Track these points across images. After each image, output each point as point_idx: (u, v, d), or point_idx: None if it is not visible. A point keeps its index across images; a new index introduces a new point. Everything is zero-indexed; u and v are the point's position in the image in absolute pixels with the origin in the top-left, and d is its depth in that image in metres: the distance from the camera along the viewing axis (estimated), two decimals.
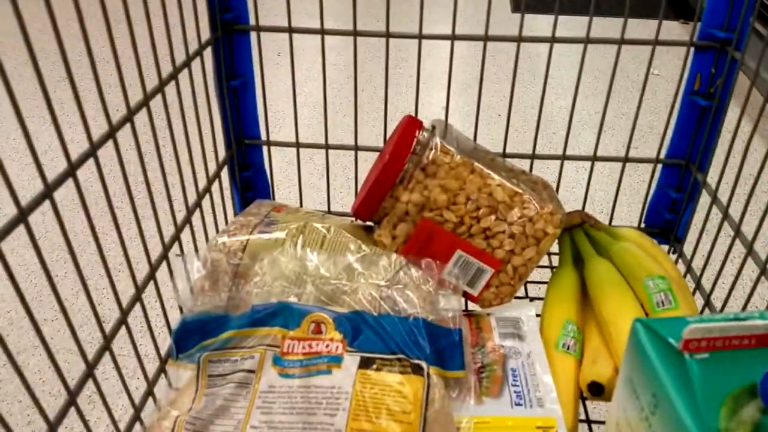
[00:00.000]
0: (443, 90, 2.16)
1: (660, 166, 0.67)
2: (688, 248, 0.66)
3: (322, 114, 0.62)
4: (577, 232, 0.60)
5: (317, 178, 1.71)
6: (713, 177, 0.60)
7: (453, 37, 0.60)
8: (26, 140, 0.32)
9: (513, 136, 1.92)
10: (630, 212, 1.56)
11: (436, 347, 0.44)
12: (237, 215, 0.57)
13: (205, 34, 0.59)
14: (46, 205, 0.34)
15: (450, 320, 0.47)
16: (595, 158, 0.65)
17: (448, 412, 0.42)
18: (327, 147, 0.66)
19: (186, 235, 0.54)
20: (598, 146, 0.65)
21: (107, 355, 0.42)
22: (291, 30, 0.60)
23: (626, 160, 0.65)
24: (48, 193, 0.34)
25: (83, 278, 0.38)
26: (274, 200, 0.71)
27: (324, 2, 0.58)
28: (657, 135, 1.94)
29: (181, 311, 0.49)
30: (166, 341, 0.48)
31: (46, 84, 0.32)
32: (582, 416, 0.52)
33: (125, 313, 0.44)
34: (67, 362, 1.21)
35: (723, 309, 0.56)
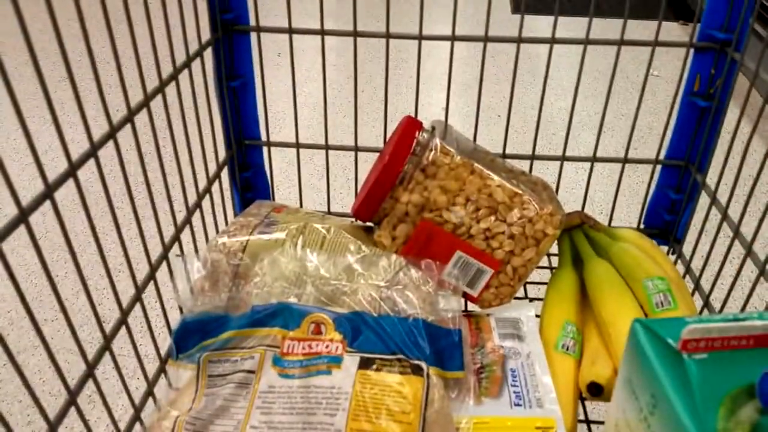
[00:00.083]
0: (443, 90, 2.16)
1: (659, 167, 0.67)
2: (688, 249, 0.66)
3: (322, 114, 0.62)
4: (577, 233, 0.61)
5: (317, 179, 1.71)
6: (713, 178, 0.60)
7: (453, 38, 0.60)
8: (27, 140, 0.32)
9: (513, 137, 1.92)
10: (629, 213, 1.56)
11: (436, 348, 0.44)
12: (237, 216, 0.57)
13: (206, 35, 0.59)
14: (47, 205, 0.34)
15: (450, 321, 0.47)
16: (595, 159, 0.66)
17: (448, 413, 0.42)
18: (327, 148, 0.66)
19: (186, 236, 0.54)
20: (598, 147, 0.65)
21: (107, 355, 0.42)
22: (291, 31, 0.60)
23: (626, 161, 0.65)
24: (49, 194, 0.34)
25: (83, 278, 0.38)
26: (274, 201, 0.71)
27: (324, 3, 0.58)
28: (656, 136, 1.94)
29: (181, 311, 0.49)
30: (166, 341, 0.48)
31: (47, 84, 0.32)
32: (581, 416, 0.52)
33: (125, 314, 0.44)
34: (67, 362, 1.21)
35: (722, 310, 0.56)
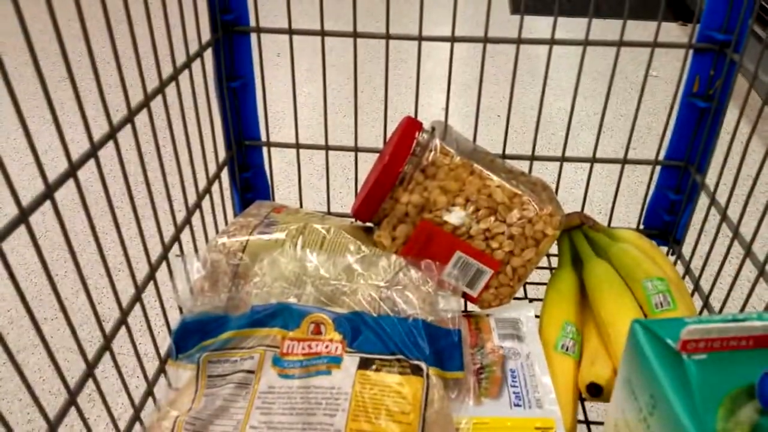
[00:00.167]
0: (443, 91, 2.16)
1: (659, 168, 0.67)
2: (687, 249, 0.66)
3: (322, 115, 0.62)
4: (576, 234, 0.61)
5: (317, 179, 1.71)
6: (712, 178, 0.61)
7: (453, 39, 0.60)
8: (27, 140, 0.32)
9: (512, 138, 1.92)
10: (629, 213, 1.56)
11: (436, 348, 0.44)
12: (237, 216, 0.57)
13: (206, 35, 0.59)
14: (47, 205, 0.34)
15: (449, 321, 0.47)
16: (594, 160, 0.66)
17: (447, 413, 0.42)
18: (327, 148, 0.66)
19: (186, 236, 0.54)
20: (597, 147, 0.65)
21: (107, 355, 0.42)
22: (291, 31, 0.60)
23: (625, 162, 0.65)
24: (49, 194, 0.34)
25: (83, 278, 0.38)
26: (274, 201, 0.71)
27: (324, 3, 0.58)
28: (656, 136, 1.94)
29: (181, 311, 0.49)
30: (166, 341, 0.48)
31: (47, 84, 0.32)
32: (580, 417, 0.52)
33: (125, 313, 0.45)
34: (67, 361, 1.21)
35: (722, 310, 0.57)
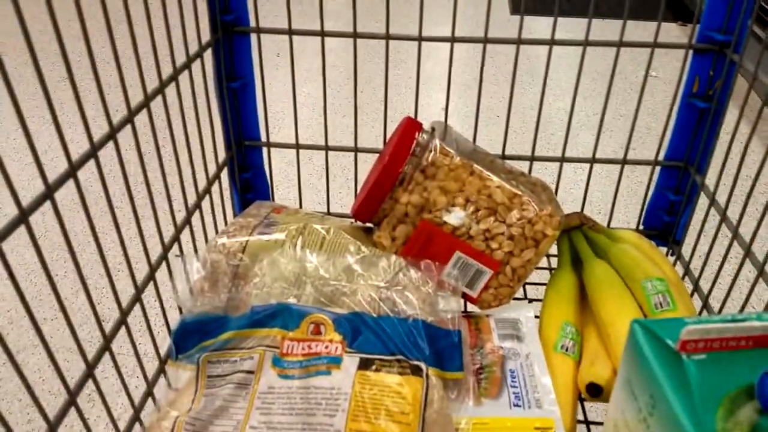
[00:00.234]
0: (442, 91, 2.16)
1: (658, 168, 0.67)
2: (687, 250, 0.66)
3: (322, 115, 0.62)
4: (576, 234, 0.61)
5: (317, 179, 1.71)
6: (711, 179, 0.60)
7: (453, 39, 0.60)
8: (27, 140, 0.32)
9: (512, 138, 1.92)
10: (628, 214, 1.56)
11: (435, 348, 0.44)
12: (236, 216, 0.57)
13: (206, 36, 0.59)
14: (46, 205, 0.34)
15: (449, 322, 0.47)
16: (594, 160, 0.66)
17: (447, 413, 0.42)
18: (327, 148, 0.66)
19: (186, 236, 0.54)
20: (597, 148, 0.65)
21: (107, 355, 0.42)
22: (291, 32, 0.60)
23: (625, 162, 0.65)
24: (49, 194, 0.34)
25: (83, 278, 0.38)
26: (274, 201, 0.71)
27: (324, 4, 0.58)
28: (655, 137, 1.94)
29: (181, 312, 0.49)
30: (166, 341, 0.48)
31: (47, 84, 0.32)
32: (580, 417, 0.52)
33: (125, 314, 0.45)
34: (67, 361, 1.21)
35: (721, 310, 0.57)
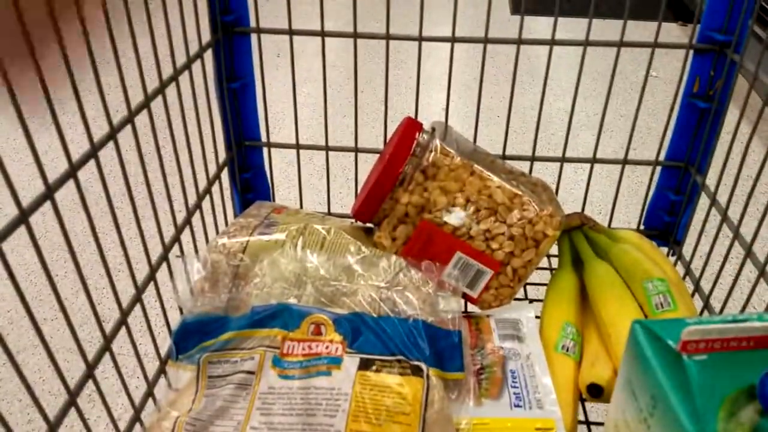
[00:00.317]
0: (443, 91, 2.16)
1: (659, 168, 0.67)
2: (687, 250, 0.66)
3: (322, 115, 0.62)
4: (577, 234, 0.61)
5: (317, 179, 1.71)
6: (712, 179, 0.60)
7: (453, 40, 0.60)
8: (27, 140, 0.32)
9: (512, 138, 1.92)
10: (629, 214, 1.56)
11: (436, 349, 0.44)
12: (237, 216, 0.57)
13: (206, 36, 0.59)
14: (46, 205, 0.34)
15: (449, 322, 0.47)
16: (595, 160, 0.66)
17: (448, 414, 0.42)
18: (327, 149, 0.66)
19: (186, 236, 0.54)
20: (598, 148, 0.65)
21: (107, 355, 0.42)
22: (291, 32, 0.60)
23: (625, 162, 0.65)
24: (49, 194, 0.34)
25: (83, 278, 0.38)
26: (274, 201, 0.71)
27: (324, 4, 0.58)
28: (656, 137, 1.94)
29: (181, 312, 0.49)
30: (166, 342, 0.48)
31: (47, 84, 0.32)
32: (581, 417, 0.52)
33: (125, 314, 0.45)
34: (67, 361, 1.21)
35: (722, 310, 0.56)
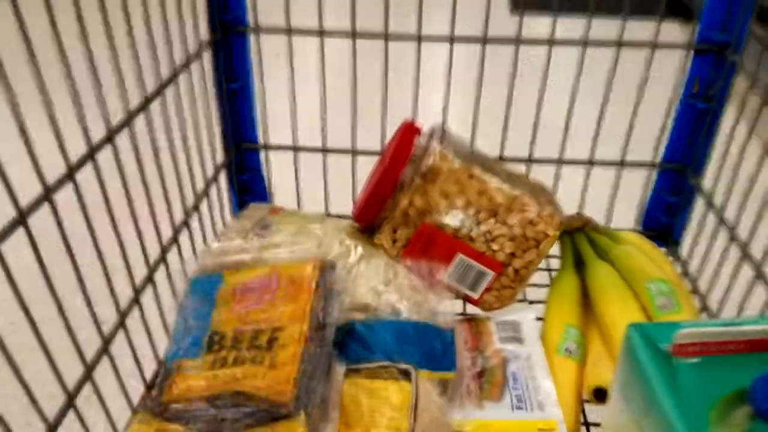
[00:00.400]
0: (441, 92, 2.15)
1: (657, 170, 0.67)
2: (685, 251, 0.66)
3: (319, 116, 0.62)
4: (578, 236, 0.60)
5: (316, 180, 1.70)
6: (710, 180, 0.60)
7: (451, 39, 0.60)
8: (24, 142, 0.32)
9: (510, 139, 1.91)
10: (626, 215, 1.55)
11: (428, 348, 0.44)
12: (234, 218, 0.57)
13: (205, 37, 0.59)
14: (45, 206, 0.34)
15: (442, 321, 0.46)
16: (592, 162, 0.66)
17: (439, 416, 0.42)
18: (324, 150, 0.66)
19: (183, 238, 0.54)
20: (595, 149, 0.65)
21: (105, 356, 0.42)
22: (290, 31, 0.60)
23: (623, 164, 0.65)
24: (47, 196, 0.34)
25: (81, 279, 0.39)
26: (272, 203, 0.71)
27: (323, 3, 0.58)
28: (654, 137, 1.93)
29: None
30: (164, 342, 0.48)
31: (45, 85, 0.32)
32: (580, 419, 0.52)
33: (123, 315, 0.45)
34: (67, 362, 1.21)
35: (720, 312, 0.56)
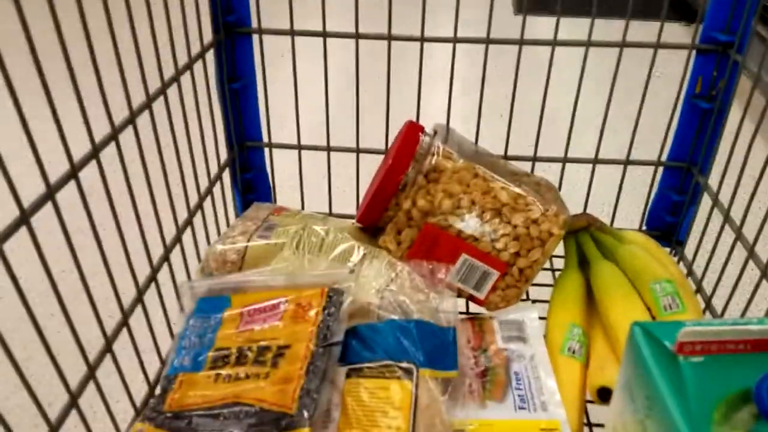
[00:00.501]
0: (444, 92, 2.16)
1: (661, 168, 0.67)
2: (689, 251, 0.66)
3: (323, 115, 0.62)
4: (583, 235, 0.60)
5: (320, 178, 1.70)
6: (714, 179, 0.60)
7: (455, 40, 0.60)
8: (28, 140, 0.32)
9: (514, 138, 1.91)
10: (631, 215, 1.55)
11: (430, 347, 0.44)
12: (237, 218, 0.57)
13: (208, 36, 0.59)
14: (48, 204, 0.35)
15: (444, 320, 0.46)
16: (597, 161, 0.66)
17: (441, 415, 0.42)
18: (329, 149, 0.66)
19: (187, 236, 0.54)
20: (600, 148, 0.65)
21: (107, 356, 0.42)
22: (293, 32, 0.60)
23: (627, 163, 0.65)
24: (50, 195, 0.34)
25: (84, 279, 0.39)
26: (276, 202, 0.71)
27: (326, 4, 0.59)
28: (658, 137, 1.93)
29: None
30: (167, 342, 0.48)
31: (48, 85, 0.32)
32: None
33: (126, 315, 0.45)
34: (69, 361, 1.21)
35: (724, 311, 0.56)
